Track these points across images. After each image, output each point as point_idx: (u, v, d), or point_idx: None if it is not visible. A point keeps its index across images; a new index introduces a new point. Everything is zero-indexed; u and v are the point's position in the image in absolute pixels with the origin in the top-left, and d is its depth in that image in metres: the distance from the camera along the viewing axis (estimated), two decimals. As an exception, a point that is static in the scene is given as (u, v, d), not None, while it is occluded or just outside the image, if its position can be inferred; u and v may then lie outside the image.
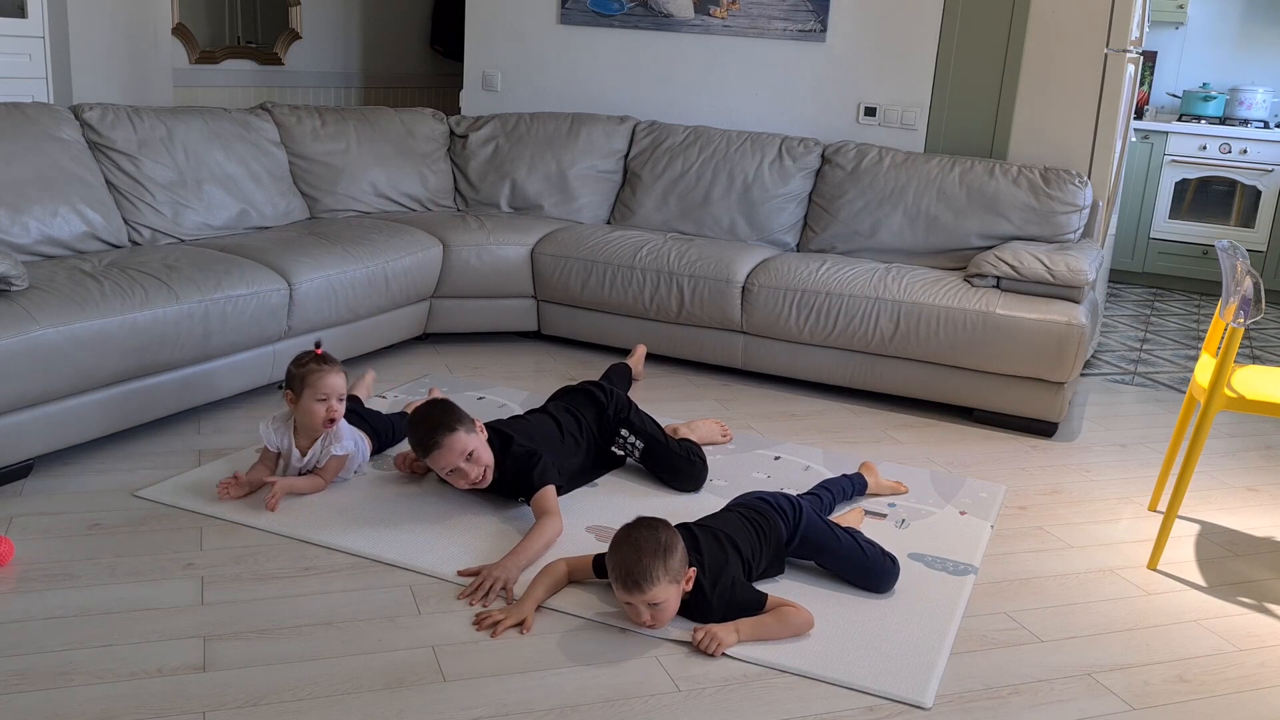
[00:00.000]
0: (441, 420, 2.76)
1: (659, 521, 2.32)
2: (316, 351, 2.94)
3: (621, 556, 2.26)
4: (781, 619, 2.33)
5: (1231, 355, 2.68)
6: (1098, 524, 3.08)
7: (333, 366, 2.90)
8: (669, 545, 2.26)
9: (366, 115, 4.76)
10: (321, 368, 2.88)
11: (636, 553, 2.24)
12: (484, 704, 2.06)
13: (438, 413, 2.78)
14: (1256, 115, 6.36)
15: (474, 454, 2.76)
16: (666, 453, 3.07)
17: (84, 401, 2.97)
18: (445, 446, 2.72)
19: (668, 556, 2.25)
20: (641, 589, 2.24)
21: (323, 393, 2.86)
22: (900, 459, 3.44)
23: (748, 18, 4.83)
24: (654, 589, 2.24)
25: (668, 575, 2.24)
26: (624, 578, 2.25)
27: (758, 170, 4.56)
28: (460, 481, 2.79)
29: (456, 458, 2.74)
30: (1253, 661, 2.39)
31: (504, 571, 2.47)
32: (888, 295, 3.81)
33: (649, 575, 2.23)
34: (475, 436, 2.78)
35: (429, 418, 2.78)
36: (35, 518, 2.70)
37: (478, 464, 2.77)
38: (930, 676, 2.22)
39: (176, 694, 2.03)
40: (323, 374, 2.87)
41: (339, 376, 2.90)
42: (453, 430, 2.73)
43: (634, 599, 2.27)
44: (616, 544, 2.29)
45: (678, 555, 2.27)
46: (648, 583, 2.23)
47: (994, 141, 4.52)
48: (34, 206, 3.39)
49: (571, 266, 4.26)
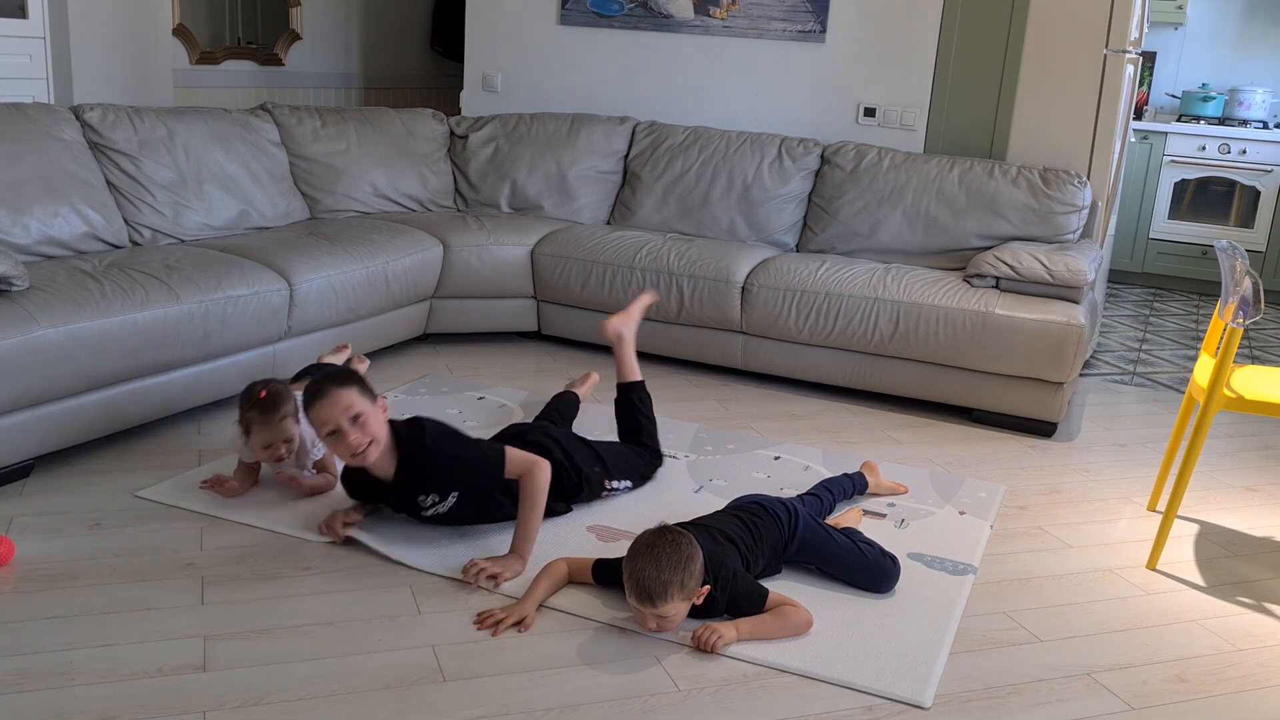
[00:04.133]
0: (335, 373, 2.56)
1: (683, 537, 2.28)
2: (260, 395, 2.76)
3: (640, 568, 2.24)
4: (781, 618, 2.33)
5: (1231, 355, 2.68)
6: (1097, 524, 3.08)
7: (273, 415, 2.74)
8: (689, 564, 2.24)
9: (367, 116, 4.77)
10: (262, 418, 2.74)
11: (656, 568, 2.22)
12: (484, 704, 2.06)
13: (337, 369, 2.62)
14: (1255, 116, 6.37)
15: (361, 418, 2.44)
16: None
17: (84, 401, 2.98)
18: (330, 398, 2.43)
19: (686, 575, 2.23)
20: (654, 604, 2.23)
21: (265, 442, 2.76)
22: (900, 459, 3.44)
23: (747, 18, 4.83)
24: (666, 606, 2.23)
25: (682, 593, 2.24)
26: (638, 589, 2.24)
27: (757, 171, 4.56)
28: (341, 450, 2.47)
29: (340, 414, 2.42)
30: (1252, 661, 2.40)
31: (505, 566, 2.48)
32: (887, 295, 3.81)
33: (664, 593, 2.22)
34: (368, 402, 2.48)
35: (325, 371, 2.62)
36: (35, 518, 2.70)
37: (364, 431, 2.45)
38: (929, 676, 2.22)
39: (176, 694, 2.03)
40: (265, 426, 2.74)
41: (282, 424, 2.75)
42: (344, 385, 2.46)
43: (644, 609, 2.26)
44: (636, 552, 2.27)
45: (696, 574, 2.25)
46: (662, 600, 2.22)
47: (993, 142, 4.52)
48: (35, 207, 3.39)
49: (571, 267, 4.26)
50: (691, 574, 2.24)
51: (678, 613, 2.26)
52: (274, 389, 2.79)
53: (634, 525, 2.66)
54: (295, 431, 2.81)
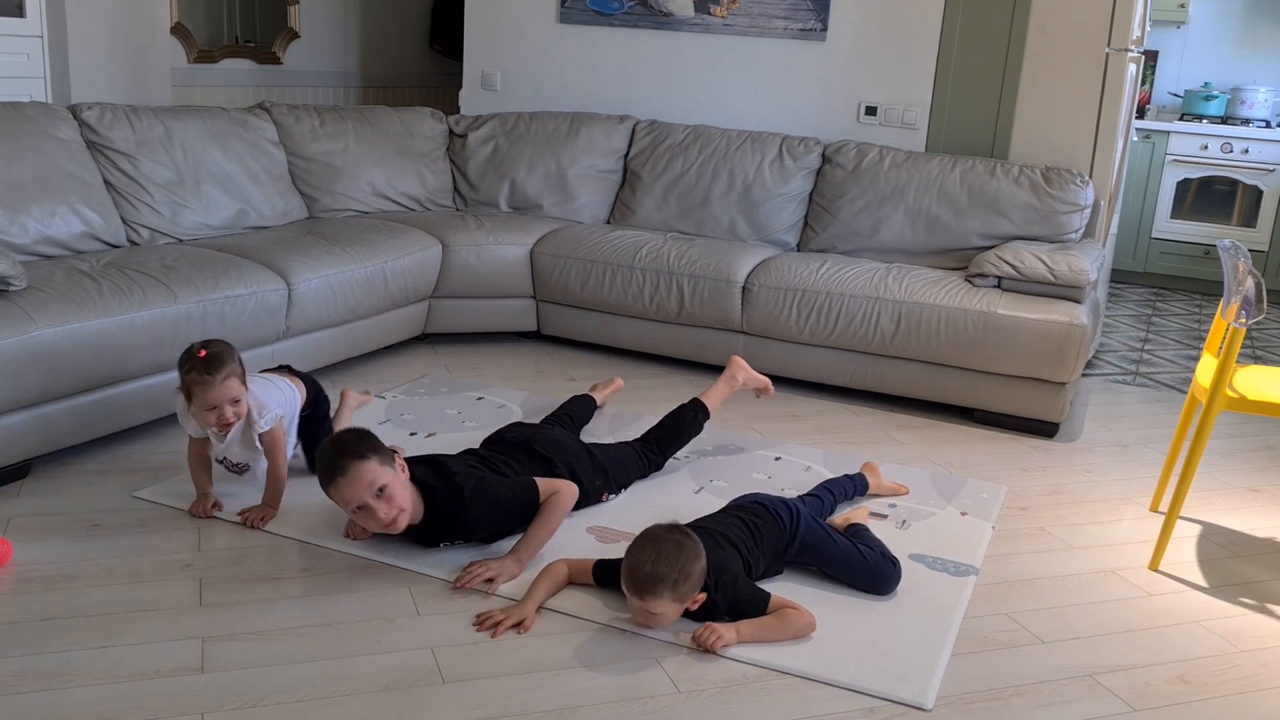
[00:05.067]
0: (350, 445, 2.38)
1: (690, 540, 2.27)
2: (200, 354, 2.59)
3: (638, 557, 2.25)
4: (783, 621, 2.32)
5: (1233, 355, 2.67)
6: (1099, 525, 3.07)
7: (216, 375, 2.56)
8: (687, 566, 2.23)
9: (365, 115, 4.76)
10: (204, 378, 2.56)
11: (653, 561, 2.22)
12: (483, 705, 2.05)
13: (348, 438, 2.41)
14: (1258, 115, 6.36)
15: (386, 490, 2.37)
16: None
17: (82, 401, 2.96)
18: (351, 475, 2.33)
19: (680, 576, 2.22)
20: (641, 597, 2.24)
21: (209, 404, 2.59)
22: (901, 459, 3.43)
23: (748, 17, 4.82)
24: (655, 602, 2.23)
25: (673, 594, 2.23)
26: (630, 578, 2.25)
27: (758, 170, 4.55)
28: (370, 523, 2.42)
29: (364, 491, 2.35)
30: (1254, 663, 2.39)
31: (501, 569, 2.47)
32: (888, 295, 3.80)
33: (654, 588, 2.22)
34: (389, 471, 2.39)
35: (337, 443, 2.41)
36: (34, 518, 2.69)
37: (391, 504, 2.38)
38: (931, 678, 2.21)
39: (175, 695, 2.02)
40: (207, 387, 2.56)
41: (228, 384, 2.58)
42: (363, 458, 2.34)
43: (633, 600, 2.26)
44: (641, 541, 2.27)
45: (692, 579, 2.25)
46: (650, 594, 2.23)
47: (995, 141, 4.51)
48: (32, 206, 3.38)
49: (571, 266, 4.25)
50: (687, 577, 2.24)
51: (666, 612, 2.26)
52: (215, 348, 2.61)
53: (634, 526, 2.64)
54: (241, 392, 2.64)
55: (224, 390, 2.59)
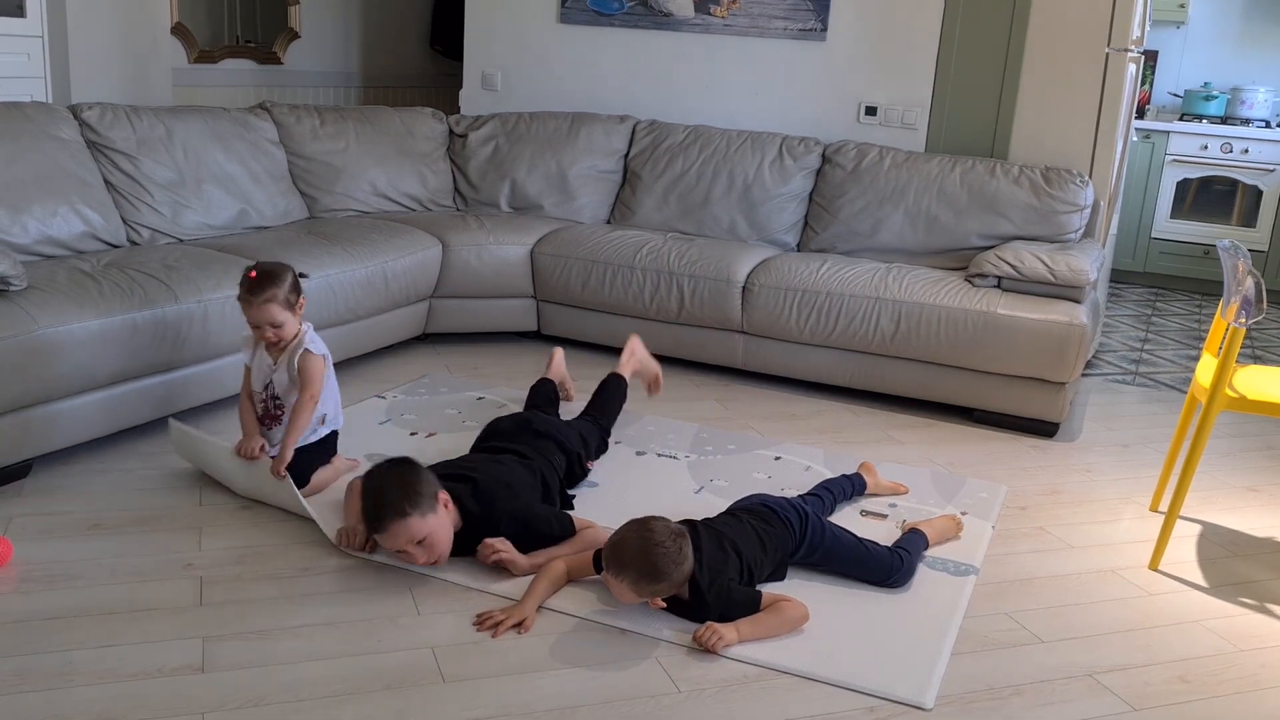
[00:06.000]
0: (391, 501, 2.41)
1: (675, 544, 2.28)
2: (250, 274, 2.78)
3: (624, 535, 2.30)
4: (778, 614, 2.34)
5: (1233, 355, 2.67)
6: (1099, 524, 3.07)
7: (256, 297, 2.75)
8: (659, 564, 2.25)
9: (366, 115, 4.76)
10: (246, 296, 2.77)
11: (630, 546, 2.27)
12: (484, 705, 2.05)
13: (393, 489, 2.42)
14: (1258, 115, 6.36)
15: (426, 540, 2.44)
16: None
17: (84, 401, 2.97)
18: (391, 533, 2.41)
19: (642, 569, 2.26)
20: (606, 569, 2.30)
21: (250, 321, 2.80)
22: (901, 459, 3.43)
23: (748, 17, 4.82)
24: (614, 581, 2.28)
25: (634, 587, 2.27)
26: (608, 548, 2.31)
27: (758, 170, 4.55)
28: (409, 561, 2.51)
29: (404, 543, 2.43)
30: (1254, 662, 2.39)
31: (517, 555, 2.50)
32: (888, 295, 3.80)
33: (617, 569, 2.28)
34: (431, 519, 2.43)
35: (381, 493, 2.44)
36: (35, 518, 2.70)
37: (430, 550, 2.45)
38: (931, 677, 2.22)
39: (176, 695, 2.02)
40: (247, 305, 2.78)
41: (267, 308, 2.75)
42: (404, 516, 2.39)
43: (604, 569, 2.32)
44: (638, 521, 2.32)
45: (660, 580, 2.27)
46: (613, 572, 2.28)
47: (995, 141, 4.51)
48: (33, 206, 3.38)
49: (571, 266, 4.25)
50: (651, 577, 2.26)
51: (621, 594, 2.31)
52: (264, 268, 2.79)
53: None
54: (283, 317, 2.79)
55: (262, 312, 2.77)
